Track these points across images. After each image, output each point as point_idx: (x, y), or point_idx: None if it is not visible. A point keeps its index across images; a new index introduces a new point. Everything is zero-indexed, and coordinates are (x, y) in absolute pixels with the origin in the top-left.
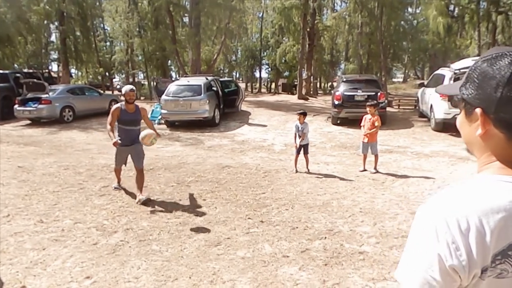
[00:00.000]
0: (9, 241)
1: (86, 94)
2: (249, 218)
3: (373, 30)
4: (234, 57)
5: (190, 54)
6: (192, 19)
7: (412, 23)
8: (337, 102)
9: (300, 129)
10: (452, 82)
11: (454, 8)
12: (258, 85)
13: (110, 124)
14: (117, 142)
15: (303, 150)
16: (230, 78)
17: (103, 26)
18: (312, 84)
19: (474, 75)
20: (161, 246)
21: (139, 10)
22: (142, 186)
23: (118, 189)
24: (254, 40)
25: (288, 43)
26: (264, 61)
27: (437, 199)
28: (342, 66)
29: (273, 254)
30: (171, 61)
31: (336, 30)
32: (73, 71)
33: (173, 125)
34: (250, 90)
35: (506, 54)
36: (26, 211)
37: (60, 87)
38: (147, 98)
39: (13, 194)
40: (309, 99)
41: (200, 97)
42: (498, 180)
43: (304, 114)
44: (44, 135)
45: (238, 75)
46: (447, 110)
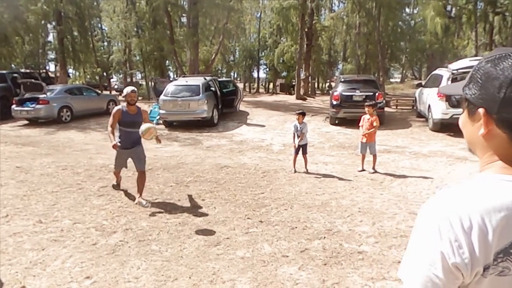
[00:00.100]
0: (8, 241)
1: (84, 94)
2: (248, 218)
3: (371, 30)
4: (232, 57)
5: (188, 54)
6: (190, 19)
7: (409, 24)
8: (335, 102)
9: (299, 129)
10: (450, 83)
11: (451, 8)
12: (256, 85)
13: (111, 126)
14: (116, 145)
15: (302, 150)
16: (229, 78)
17: (101, 26)
18: (310, 84)
19: (478, 75)
20: (160, 246)
21: (137, 10)
22: (143, 188)
23: (117, 188)
24: (252, 40)
25: (286, 43)
26: (262, 61)
27: (440, 198)
28: (340, 66)
29: (272, 254)
30: (169, 61)
31: (334, 30)
32: (70, 71)
33: (171, 125)
34: (248, 90)
35: (510, 55)
36: (25, 212)
37: (58, 87)
38: (145, 98)
39: (11, 195)
40: (307, 99)
41: (198, 97)
42: (500, 179)
43: (303, 114)
44: (42, 135)
45: (236, 75)
46: (445, 110)
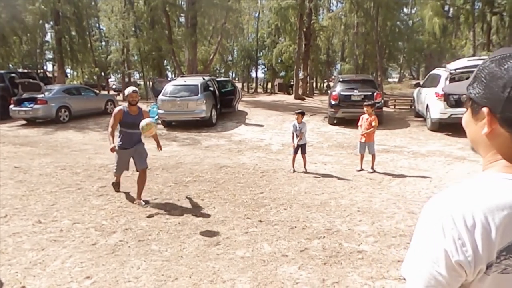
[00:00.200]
0: (7, 241)
1: (82, 94)
2: (247, 218)
3: (369, 30)
4: (231, 57)
5: (187, 54)
6: (188, 19)
7: (407, 24)
8: (334, 102)
9: (298, 128)
10: (448, 82)
11: (449, 8)
12: (254, 85)
13: (111, 126)
14: (114, 148)
15: (301, 149)
16: (227, 78)
17: (99, 26)
18: (308, 84)
19: (482, 75)
20: (160, 246)
21: (135, 9)
22: (143, 189)
23: (117, 187)
24: (250, 40)
25: (284, 43)
26: (260, 61)
27: (443, 196)
28: (338, 66)
29: (272, 254)
30: (167, 61)
31: (332, 30)
32: (68, 71)
33: (170, 125)
34: (246, 90)
35: None
36: (24, 212)
37: (56, 87)
38: (143, 98)
39: (10, 195)
40: (305, 99)
41: (197, 97)
42: (503, 178)
43: (302, 114)
44: (40, 135)
45: (234, 75)
46: (443, 110)
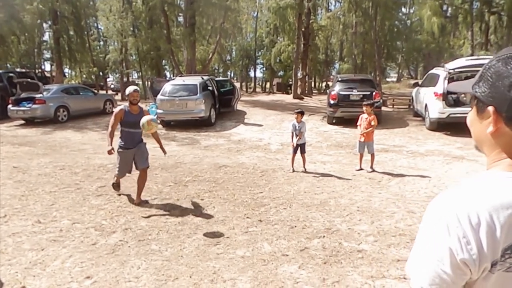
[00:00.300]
0: (7, 241)
1: (81, 94)
2: (247, 217)
3: (367, 30)
4: (229, 56)
5: (185, 54)
6: (187, 19)
7: (406, 23)
8: (332, 102)
9: (297, 128)
10: (446, 82)
11: (447, 8)
12: (253, 84)
13: (112, 126)
14: (111, 151)
15: (300, 149)
16: (226, 78)
17: (97, 25)
18: (307, 83)
19: (488, 74)
20: (160, 246)
21: (133, 9)
22: (142, 189)
23: (117, 188)
24: (249, 39)
25: (283, 43)
26: (259, 60)
27: (448, 195)
28: (336, 66)
29: (272, 253)
30: (166, 60)
31: (330, 30)
32: (66, 71)
33: (169, 124)
34: (245, 89)
35: None
36: (23, 212)
37: (54, 87)
38: (142, 98)
39: (9, 195)
40: (304, 99)
41: (196, 96)
42: (508, 177)
43: (301, 113)
44: (38, 135)
45: (233, 75)
46: (442, 110)
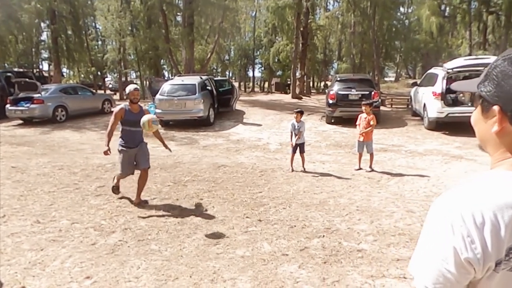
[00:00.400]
0: (6, 242)
1: (79, 93)
2: (247, 217)
3: (365, 29)
4: (228, 56)
5: (184, 53)
6: (185, 18)
7: (404, 23)
8: (331, 101)
9: (296, 127)
10: (445, 82)
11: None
12: (251, 84)
13: (111, 126)
14: (107, 152)
15: (299, 149)
16: (225, 77)
17: (95, 25)
18: (305, 83)
19: (494, 73)
20: (160, 246)
21: (132, 8)
22: (142, 189)
23: (116, 191)
24: (247, 39)
25: (281, 42)
26: (257, 60)
27: (452, 194)
28: (335, 65)
29: (272, 253)
30: (164, 60)
31: (329, 30)
32: (64, 70)
33: (167, 124)
34: (243, 89)
35: None
36: (22, 212)
37: (52, 87)
38: (140, 98)
39: (8, 195)
40: (302, 98)
41: (194, 96)
42: None
43: (301, 113)
44: (37, 135)
45: (231, 74)
46: (440, 109)
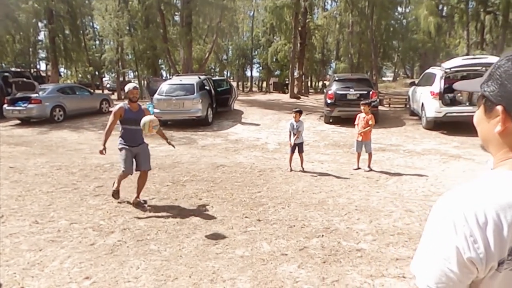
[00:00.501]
0: (4, 242)
1: (77, 93)
2: (246, 217)
3: (363, 29)
4: (226, 56)
5: (182, 53)
6: (183, 18)
7: (402, 23)
8: (329, 101)
9: (295, 127)
10: (443, 81)
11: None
12: (249, 84)
13: (110, 125)
14: (102, 151)
15: (298, 148)
16: (223, 77)
17: (93, 24)
18: (303, 83)
19: (497, 73)
20: (159, 246)
21: (130, 8)
22: (142, 189)
23: (116, 196)
24: (245, 39)
25: (279, 42)
26: (255, 60)
27: (454, 193)
28: (333, 65)
29: (271, 253)
30: (162, 60)
31: (327, 29)
32: (62, 70)
33: (166, 124)
34: (241, 89)
35: None
36: (20, 212)
37: (50, 87)
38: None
39: (6, 195)
40: (301, 98)
41: (193, 96)
42: None
43: (300, 112)
44: (34, 135)
45: (229, 74)
46: (438, 109)
